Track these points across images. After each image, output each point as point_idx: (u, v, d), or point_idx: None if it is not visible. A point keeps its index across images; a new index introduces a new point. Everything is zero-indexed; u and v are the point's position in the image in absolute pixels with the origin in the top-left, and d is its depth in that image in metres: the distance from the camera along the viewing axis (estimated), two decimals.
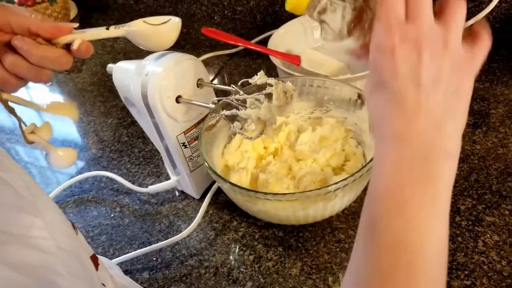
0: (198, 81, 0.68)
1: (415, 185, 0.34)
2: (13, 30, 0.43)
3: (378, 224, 0.35)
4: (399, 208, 0.34)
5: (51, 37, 0.45)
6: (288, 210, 0.61)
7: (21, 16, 0.43)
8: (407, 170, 0.35)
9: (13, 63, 0.43)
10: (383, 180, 0.36)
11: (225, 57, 1.10)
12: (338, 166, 0.71)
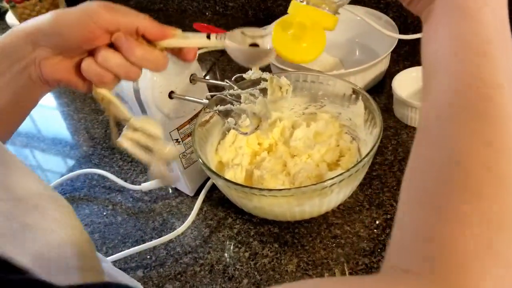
0: (191, 76, 0.68)
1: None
2: (120, 31, 0.43)
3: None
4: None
5: (155, 39, 0.45)
6: (284, 206, 0.60)
7: (129, 17, 0.43)
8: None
9: (104, 58, 0.43)
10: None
11: (217, 53, 1.09)
12: (333, 161, 0.71)
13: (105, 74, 0.43)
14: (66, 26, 0.42)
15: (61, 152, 0.90)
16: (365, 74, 0.85)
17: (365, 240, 0.63)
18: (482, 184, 0.28)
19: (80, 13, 0.42)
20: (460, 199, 0.28)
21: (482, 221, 0.27)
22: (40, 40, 0.42)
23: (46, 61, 0.43)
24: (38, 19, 0.43)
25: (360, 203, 0.68)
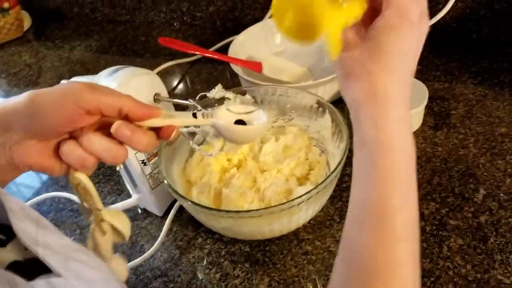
0: (155, 95, 0.66)
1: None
2: (101, 112, 0.40)
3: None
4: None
5: (140, 120, 0.42)
6: (253, 226, 0.60)
7: (112, 97, 0.40)
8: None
9: (90, 141, 0.40)
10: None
11: (186, 64, 1.08)
12: (303, 175, 0.70)
13: (89, 158, 0.40)
14: (44, 108, 0.38)
15: (27, 175, 0.87)
16: (334, 84, 0.84)
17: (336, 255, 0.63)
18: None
19: (60, 94, 0.39)
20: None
21: None
22: (12, 123, 0.39)
23: (18, 145, 0.39)
24: (10, 99, 0.39)
25: (330, 216, 0.68)
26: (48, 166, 0.41)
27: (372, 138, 0.38)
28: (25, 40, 1.31)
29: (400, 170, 0.38)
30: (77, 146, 0.40)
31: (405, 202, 0.38)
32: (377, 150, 0.38)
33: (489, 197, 0.67)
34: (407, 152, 0.39)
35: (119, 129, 0.40)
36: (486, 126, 0.77)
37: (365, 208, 0.37)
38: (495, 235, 0.62)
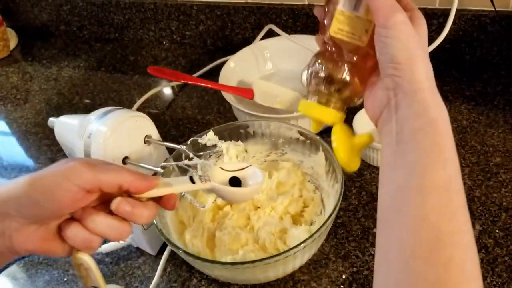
0: (145, 137, 0.65)
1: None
2: (101, 190, 0.39)
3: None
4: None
5: (140, 193, 0.41)
6: (248, 274, 0.59)
7: (111, 173, 0.39)
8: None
9: (95, 222, 0.39)
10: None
11: (177, 88, 1.06)
12: (297, 213, 0.69)
13: (94, 238, 0.40)
14: (44, 194, 0.37)
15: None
16: None
17: None
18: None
19: (59, 176, 0.38)
20: None
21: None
22: (10, 211, 0.37)
23: (18, 232, 0.38)
24: (7, 186, 0.38)
25: (326, 255, 0.67)
26: (51, 249, 0.40)
27: (431, 117, 0.38)
28: (12, 60, 1.29)
29: (452, 143, 0.38)
30: (82, 228, 0.39)
31: (459, 172, 0.37)
32: (436, 129, 0.38)
33: (485, 233, 0.66)
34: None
35: (120, 207, 0.39)
36: (481, 155, 0.77)
37: (427, 175, 0.36)
38: (491, 275, 0.61)
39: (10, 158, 0.97)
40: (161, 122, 0.97)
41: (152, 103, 1.03)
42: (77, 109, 1.06)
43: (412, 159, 0.37)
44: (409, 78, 0.39)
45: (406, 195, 0.37)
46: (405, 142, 0.38)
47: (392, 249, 0.36)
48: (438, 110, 0.39)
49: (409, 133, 0.38)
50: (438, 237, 0.34)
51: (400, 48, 0.39)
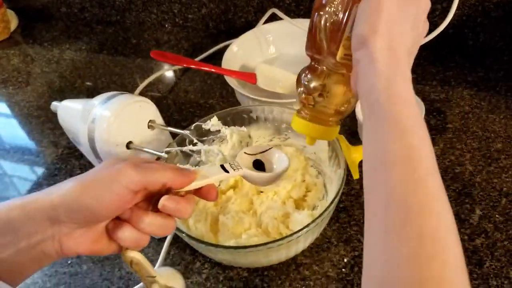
0: (149, 122, 0.65)
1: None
2: (147, 189, 0.41)
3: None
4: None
5: (180, 188, 0.43)
6: (251, 258, 0.60)
7: (156, 173, 0.41)
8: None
9: (147, 222, 0.41)
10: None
11: (179, 72, 1.06)
12: (300, 197, 0.70)
13: (144, 237, 0.41)
14: (97, 199, 0.38)
15: (20, 168, 0.87)
16: None
17: (334, 281, 0.63)
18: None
19: (109, 181, 0.38)
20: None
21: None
22: (61, 216, 0.38)
23: (68, 236, 0.39)
24: (57, 192, 0.38)
25: (328, 239, 0.68)
26: (99, 250, 0.41)
27: (384, 87, 0.37)
28: (12, 42, 1.28)
29: (412, 112, 0.37)
30: (132, 229, 0.41)
31: (424, 140, 0.36)
32: (390, 98, 0.37)
33: (485, 218, 0.67)
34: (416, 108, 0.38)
35: (166, 204, 0.41)
36: (482, 141, 0.77)
37: (388, 148, 0.35)
38: (491, 259, 0.62)
39: (13, 142, 0.97)
40: (163, 106, 0.97)
41: (155, 87, 1.03)
42: (79, 92, 1.06)
43: (373, 134, 0.37)
44: (366, 52, 0.39)
45: (374, 172, 0.37)
46: (368, 118, 0.38)
47: (371, 228, 0.36)
48: (392, 79, 0.37)
49: (368, 108, 0.38)
50: (407, 211, 0.33)
51: (361, 23, 0.39)
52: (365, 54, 0.39)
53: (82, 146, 0.66)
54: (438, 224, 0.33)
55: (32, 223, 0.38)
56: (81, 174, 0.41)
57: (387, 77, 0.37)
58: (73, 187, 0.38)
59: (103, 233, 0.41)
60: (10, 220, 0.37)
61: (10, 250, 0.37)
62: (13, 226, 0.37)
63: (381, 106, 0.37)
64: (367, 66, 0.38)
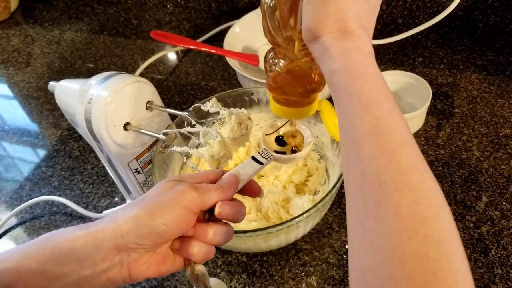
0: (147, 103, 0.64)
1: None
2: (203, 208, 0.41)
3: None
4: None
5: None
6: (250, 243, 0.58)
7: (211, 194, 0.41)
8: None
9: (214, 232, 0.41)
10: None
11: (181, 53, 1.04)
12: (301, 182, 0.68)
13: (212, 249, 0.42)
14: (165, 223, 0.38)
15: (22, 150, 0.86)
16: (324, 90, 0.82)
17: (334, 267, 0.62)
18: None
19: (173, 204, 0.38)
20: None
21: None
22: (129, 243, 0.37)
23: (137, 262, 0.39)
24: (123, 219, 0.38)
25: (329, 224, 0.67)
26: (166, 270, 0.41)
27: (341, 68, 0.36)
28: (13, 23, 1.26)
29: (374, 86, 0.35)
30: (201, 243, 0.41)
31: (392, 111, 0.34)
32: (350, 77, 0.35)
33: (491, 205, 0.65)
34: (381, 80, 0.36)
35: (222, 211, 0.41)
36: (490, 126, 0.75)
37: (356, 127, 0.34)
38: (496, 247, 0.61)
39: (12, 123, 0.96)
40: (164, 88, 0.95)
41: (156, 69, 1.01)
42: (79, 73, 1.04)
43: (341, 116, 0.36)
44: (318, 43, 0.37)
45: (348, 154, 0.35)
46: (336, 103, 0.37)
47: (351, 216, 0.34)
48: (348, 59, 0.36)
49: (333, 93, 0.37)
50: (381, 188, 0.31)
51: (307, 15, 0.37)
52: (318, 45, 0.37)
53: (80, 127, 0.65)
54: (416, 196, 0.30)
55: (99, 252, 0.37)
56: (141, 197, 0.41)
57: (343, 58, 0.36)
58: (140, 213, 0.38)
59: (168, 253, 0.42)
60: (75, 249, 0.37)
61: (73, 277, 0.37)
62: (77, 255, 0.37)
63: (343, 87, 0.35)
64: (323, 55, 0.37)
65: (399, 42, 0.93)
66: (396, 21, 1.01)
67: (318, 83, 0.46)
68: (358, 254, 0.32)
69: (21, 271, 0.36)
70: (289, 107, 0.48)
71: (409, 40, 0.94)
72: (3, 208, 0.79)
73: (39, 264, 0.36)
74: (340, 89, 0.36)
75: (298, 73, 0.45)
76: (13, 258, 0.37)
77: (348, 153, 0.35)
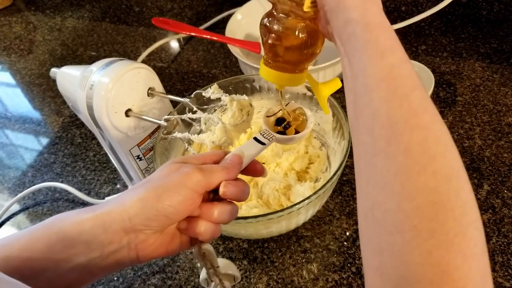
0: (149, 90, 0.64)
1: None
2: (208, 188, 0.41)
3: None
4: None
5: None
6: (250, 229, 0.59)
7: (216, 175, 0.41)
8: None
9: (221, 212, 0.42)
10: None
11: (183, 40, 1.04)
12: (302, 169, 0.68)
13: (218, 227, 0.42)
14: (172, 205, 0.38)
15: (23, 137, 0.86)
16: (336, 68, 0.81)
17: (335, 254, 0.62)
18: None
19: (179, 186, 0.39)
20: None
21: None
22: (137, 225, 0.38)
23: (144, 243, 0.39)
24: (129, 202, 0.38)
25: (330, 212, 0.67)
26: (173, 249, 0.42)
27: (358, 17, 0.36)
28: (15, 10, 1.26)
29: (389, 35, 0.36)
30: (207, 223, 0.41)
31: (404, 59, 0.35)
32: (367, 25, 0.36)
33: (492, 193, 0.65)
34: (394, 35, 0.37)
35: (226, 191, 0.41)
36: (493, 115, 0.75)
37: (368, 72, 0.35)
38: (497, 235, 0.61)
39: (14, 110, 0.96)
40: (166, 76, 0.95)
41: (157, 56, 1.01)
42: (81, 60, 1.04)
43: (353, 64, 0.36)
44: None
45: (358, 100, 0.35)
46: (346, 53, 0.37)
47: (360, 158, 0.35)
48: (364, 8, 0.37)
49: (345, 43, 0.37)
50: (392, 128, 0.32)
51: None
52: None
53: (81, 113, 0.65)
54: (425, 135, 0.31)
55: (107, 234, 0.37)
56: (146, 179, 0.41)
57: (360, 9, 0.36)
58: (147, 196, 0.38)
59: (175, 233, 0.42)
60: (82, 232, 0.37)
61: (80, 259, 0.37)
62: (85, 238, 0.37)
63: (358, 37, 0.36)
64: (337, 6, 0.37)
65: (402, 30, 0.92)
66: (399, 8, 1.00)
67: (314, 48, 0.46)
68: (367, 193, 0.33)
69: (28, 255, 0.36)
70: (281, 72, 0.47)
71: (412, 27, 0.94)
72: (6, 194, 0.79)
73: (46, 247, 0.36)
74: (355, 39, 0.36)
75: (295, 35, 0.45)
76: (19, 242, 0.37)
77: (358, 98, 0.35)
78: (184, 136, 0.56)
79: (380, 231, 0.31)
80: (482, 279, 0.28)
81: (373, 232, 0.32)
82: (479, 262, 0.28)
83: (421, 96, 0.33)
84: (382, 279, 0.30)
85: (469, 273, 0.27)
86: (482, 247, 0.29)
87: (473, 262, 0.27)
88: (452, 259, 0.27)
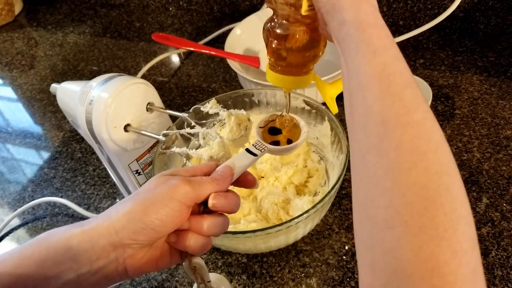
0: (147, 105, 0.64)
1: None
2: (197, 200, 0.41)
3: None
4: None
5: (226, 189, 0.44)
6: (249, 244, 0.58)
7: (204, 187, 0.41)
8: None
9: (210, 225, 0.41)
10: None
11: (182, 56, 1.04)
12: (301, 183, 0.68)
13: (208, 240, 0.41)
14: (159, 218, 0.38)
15: (25, 152, 0.86)
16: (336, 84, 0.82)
17: (334, 268, 0.62)
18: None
19: (167, 198, 0.38)
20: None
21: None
22: (124, 239, 0.37)
23: (133, 258, 0.39)
24: (116, 215, 0.38)
25: (329, 226, 0.67)
26: (163, 264, 0.41)
27: (352, 17, 0.37)
28: (17, 25, 1.27)
29: (382, 34, 0.37)
30: (197, 236, 0.41)
31: (397, 57, 0.36)
32: (360, 25, 0.37)
33: (491, 206, 0.65)
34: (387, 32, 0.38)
35: (216, 203, 0.41)
36: (491, 128, 0.75)
37: (362, 70, 0.35)
38: (497, 249, 0.60)
39: (15, 124, 0.97)
40: (166, 90, 0.95)
41: (158, 70, 1.02)
42: (82, 75, 1.05)
43: (348, 63, 0.37)
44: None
45: (353, 98, 0.36)
46: (342, 53, 0.38)
47: (354, 155, 0.35)
48: (358, 8, 0.37)
49: (341, 43, 0.38)
50: (384, 125, 0.32)
51: None
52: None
53: (81, 128, 0.65)
54: (417, 132, 0.31)
55: (95, 249, 0.37)
56: (134, 193, 0.41)
57: (354, 8, 0.37)
58: (133, 209, 0.38)
59: (164, 247, 0.41)
60: (70, 248, 0.37)
61: (70, 275, 0.37)
62: (73, 254, 0.37)
63: (352, 37, 0.37)
64: (333, 8, 0.38)
65: (400, 44, 0.93)
66: (397, 23, 1.01)
67: (316, 49, 0.47)
68: (361, 189, 0.33)
69: (19, 273, 0.36)
70: (286, 75, 0.48)
71: (410, 41, 0.95)
72: (6, 209, 0.79)
73: (36, 264, 0.36)
74: (349, 38, 0.37)
75: (298, 39, 0.46)
76: (11, 260, 0.36)
77: (352, 97, 0.36)
78: (182, 151, 0.56)
79: (373, 227, 0.31)
80: (472, 273, 0.28)
81: (366, 228, 0.32)
82: (469, 256, 0.28)
83: (413, 94, 0.33)
84: (374, 274, 0.30)
85: (459, 268, 0.27)
86: (472, 242, 0.29)
87: (463, 257, 0.27)
88: (442, 254, 0.27)
